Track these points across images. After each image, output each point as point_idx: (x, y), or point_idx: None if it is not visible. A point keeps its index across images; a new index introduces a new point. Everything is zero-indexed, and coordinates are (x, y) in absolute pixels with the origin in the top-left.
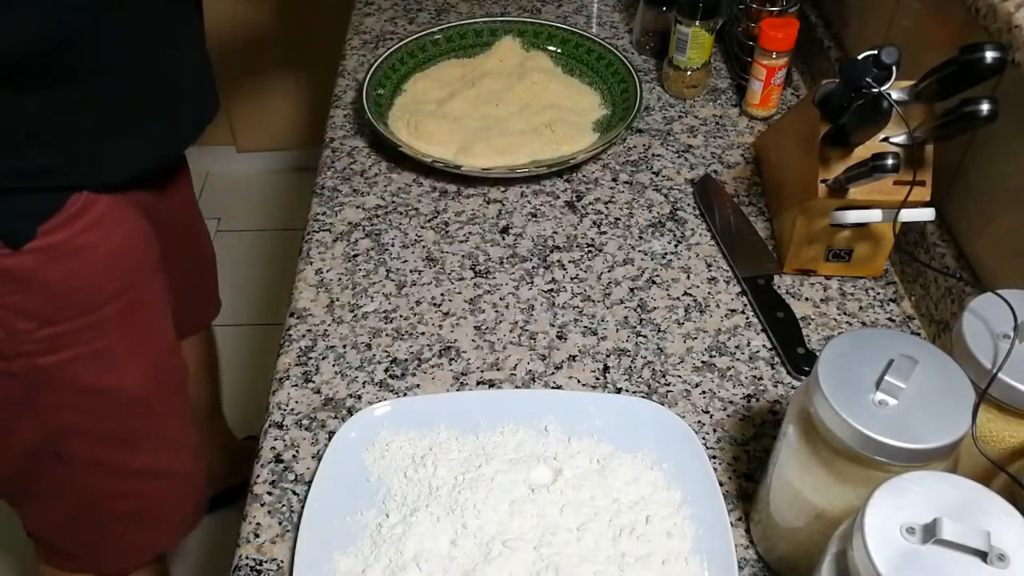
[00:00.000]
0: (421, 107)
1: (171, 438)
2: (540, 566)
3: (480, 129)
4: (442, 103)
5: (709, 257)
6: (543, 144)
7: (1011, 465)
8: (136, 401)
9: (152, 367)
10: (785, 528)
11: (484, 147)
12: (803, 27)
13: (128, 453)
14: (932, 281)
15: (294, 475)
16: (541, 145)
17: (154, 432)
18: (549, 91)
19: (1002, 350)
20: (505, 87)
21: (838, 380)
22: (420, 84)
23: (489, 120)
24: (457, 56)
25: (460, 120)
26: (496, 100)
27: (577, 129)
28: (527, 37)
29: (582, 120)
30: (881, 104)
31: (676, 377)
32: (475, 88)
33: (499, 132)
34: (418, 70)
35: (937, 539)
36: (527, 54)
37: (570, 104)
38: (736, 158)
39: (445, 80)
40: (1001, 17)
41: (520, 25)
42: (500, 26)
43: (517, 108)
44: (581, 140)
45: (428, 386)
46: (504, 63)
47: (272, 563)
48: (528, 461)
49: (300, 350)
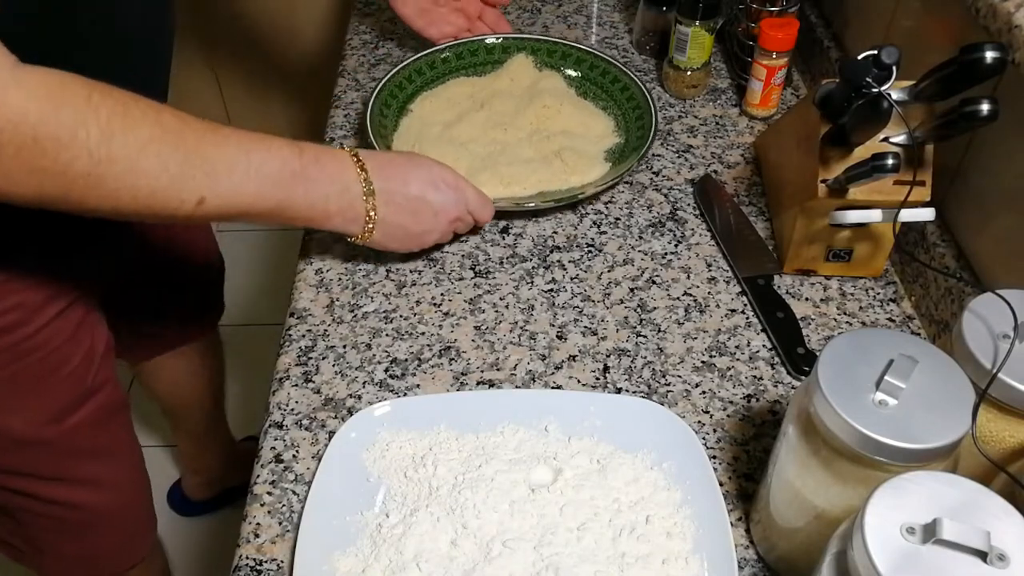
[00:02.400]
0: (427, 130)
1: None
2: (540, 566)
3: (487, 156)
4: (449, 126)
5: (709, 257)
6: (552, 174)
7: (1011, 465)
8: (22, 443)
9: (44, 409)
10: (785, 528)
11: (489, 176)
12: (803, 27)
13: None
14: (932, 281)
15: (294, 475)
16: (550, 175)
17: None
18: (561, 116)
19: (1002, 350)
20: (515, 110)
21: (838, 380)
22: (427, 104)
23: (497, 146)
24: (467, 74)
25: (467, 145)
26: (505, 124)
27: (588, 159)
28: (540, 56)
29: (594, 148)
30: (881, 104)
31: (676, 377)
32: (484, 110)
33: (506, 160)
34: (426, 88)
35: (937, 539)
36: (540, 74)
37: (582, 130)
38: (736, 158)
39: (454, 99)
40: (1001, 17)
41: (533, 43)
42: (512, 43)
43: (526, 134)
44: (591, 171)
45: (428, 386)
46: (515, 83)
47: (272, 563)
48: (528, 461)
49: (300, 350)
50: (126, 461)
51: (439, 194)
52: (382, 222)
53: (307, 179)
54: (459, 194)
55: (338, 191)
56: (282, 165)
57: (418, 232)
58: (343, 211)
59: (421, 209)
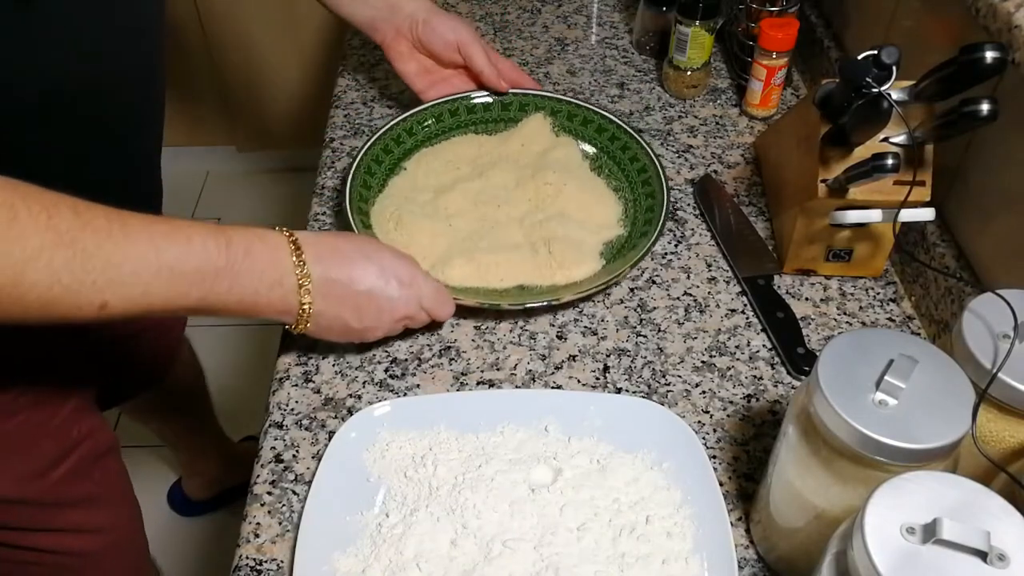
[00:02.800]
0: (415, 196)
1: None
2: (540, 566)
3: (469, 236)
4: (439, 193)
5: (709, 257)
6: (536, 267)
7: (1011, 465)
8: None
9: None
10: (785, 528)
11: (464, 262)
12: (803, 27)
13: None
14: (932, 281)
15: (294, 475)
16: (533, 267)
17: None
18: (562, 196)
19: (1002, 350)
20: (516, 183)
21: (838, 380)
22: (424, 164)
23: (484, 224)
24: (476, 131)
25: (452, 219)
26: (500, 200)
27: (580, 253)
28: (560, 118)
29: (591, 240)
30: (881, 104)
31: (676, 377)
32: (482, 179)
33: (489, 244)
34: (427, 144)
35: (937, 539)
36: (555, 140)
37: (583, 216)
38: (736, 158)
39: (454, 161)
40: (1001, 17)
41: (554, 103)
42: (531, 100)
43: (520, 213)
44: (579, 268)
45: (428, 386)
46: (526, 148)
47: (272, 563)
48: (528, 461)
49: (300, 350)
50: (115, 502)
51: (388, 290)
52: (318, 315)
53: (233, 274)
54: (413, 291)
55: (268, 285)
56: (203, 262)
57: (359, 328)
58: (273, 304)
59: (365, 305)
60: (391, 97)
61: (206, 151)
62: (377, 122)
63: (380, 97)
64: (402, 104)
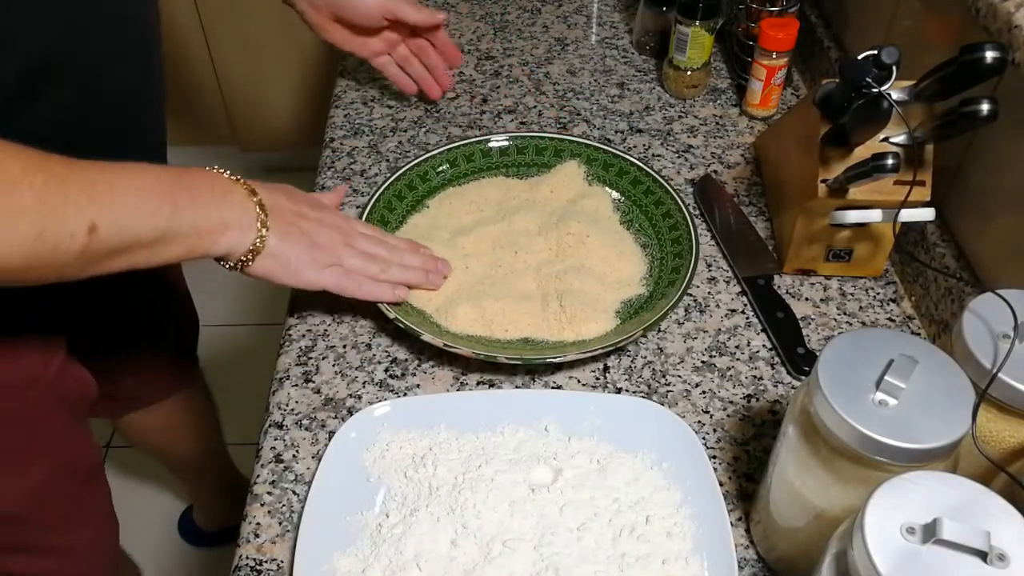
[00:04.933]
0: (432, 234)
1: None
2: (540, 566)
3: (480, 280)
4: (457, 234)
5: (709, 257)
6: (545, 321)
7: (1011, 465)
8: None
9: (27, 486)
10: (785, 528)
11: (470, 308)
12: (803, 27)
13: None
14: (932, 281)
15: (294, 475)
16: (542, 321)
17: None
18: (584, 248)
19: (1002, 350)
20: (538, 229)
21: (838, 380)
22: (447, 204)
23: (499, 270)
24: (507, 174)
25: (468, 258)
26: (519, 246)
27: (593, 310)
28: (595, 167)
29: (608, 297)
30: (881, 104)
31: (676, 377)
32: (503, 223)
33: (498, 292)
34: (454, 183)
35: (937, 539)
36: (588, 188)
37: (603, 269)
38: (736, 158)
39: (478, 203)
40: (1001, 17)
41: (590, 151)
42: (567, 147)
43: (538, 262)
44: (589, 326)
45: (428, 386)
46: (555, 194)
47: (272, 563)
48: (528, 461)
49: (300, 350)
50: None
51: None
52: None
53: (187, 187)
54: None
55: (222, 192)
56: (156, 179)
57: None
58: (232, 210)
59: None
60: (391, 97)
61: (206, 151)
62: (377, 122)
63: (380, 97)
64: (402, 104)
